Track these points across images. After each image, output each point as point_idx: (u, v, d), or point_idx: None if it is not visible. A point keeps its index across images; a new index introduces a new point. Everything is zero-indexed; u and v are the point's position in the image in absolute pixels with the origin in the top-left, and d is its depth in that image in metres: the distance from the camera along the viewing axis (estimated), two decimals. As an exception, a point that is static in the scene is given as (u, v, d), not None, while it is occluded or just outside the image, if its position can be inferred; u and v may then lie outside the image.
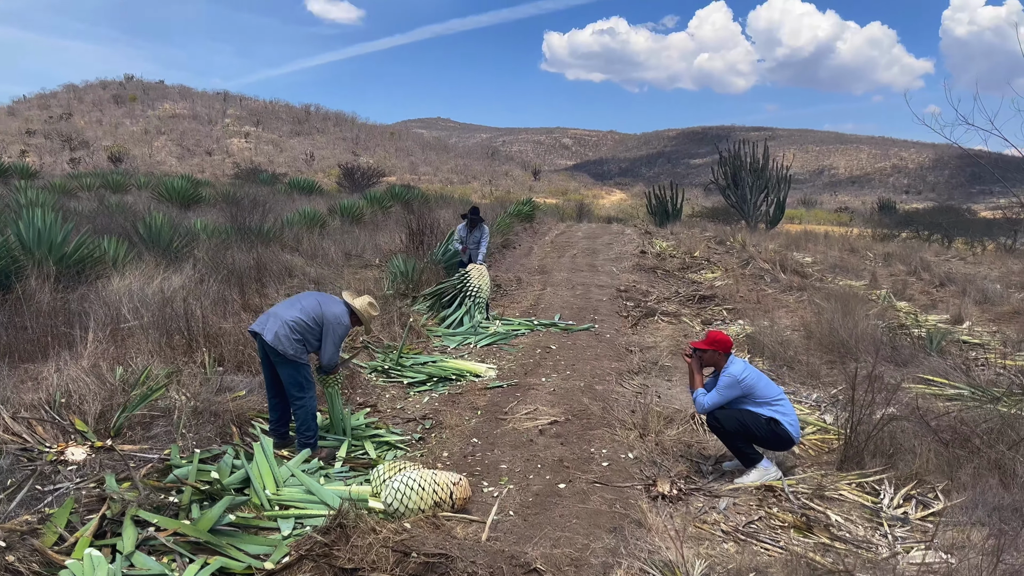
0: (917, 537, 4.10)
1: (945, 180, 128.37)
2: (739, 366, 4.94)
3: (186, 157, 68.46)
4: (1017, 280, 17.41)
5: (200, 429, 4.75)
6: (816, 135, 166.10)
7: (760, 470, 4.79)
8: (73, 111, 75.67)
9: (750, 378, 4.87)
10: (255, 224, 12.89)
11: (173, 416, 4.79)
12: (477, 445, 5.24)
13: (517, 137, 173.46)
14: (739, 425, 4.78)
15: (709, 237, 21.63)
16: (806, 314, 11.02)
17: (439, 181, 68.06)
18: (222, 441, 4.78)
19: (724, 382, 4.88)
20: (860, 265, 18.43)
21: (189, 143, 73.46)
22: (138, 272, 9.06)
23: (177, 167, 59.40)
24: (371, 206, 20.25)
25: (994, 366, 8.78)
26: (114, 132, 70.36)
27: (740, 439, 4.78)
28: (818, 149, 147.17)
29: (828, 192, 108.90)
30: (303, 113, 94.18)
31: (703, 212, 39.00)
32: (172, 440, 4.53)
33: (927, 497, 4.57)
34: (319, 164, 68.94)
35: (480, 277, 9.43)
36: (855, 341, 8.49)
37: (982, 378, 8.04)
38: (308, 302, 5.02)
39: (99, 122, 73.48)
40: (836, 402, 6.95)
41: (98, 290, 8.02)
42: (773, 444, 4.87)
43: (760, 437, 4.78)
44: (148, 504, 3.60)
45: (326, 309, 4.98)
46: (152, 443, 4.51)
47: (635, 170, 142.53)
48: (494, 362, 7.67)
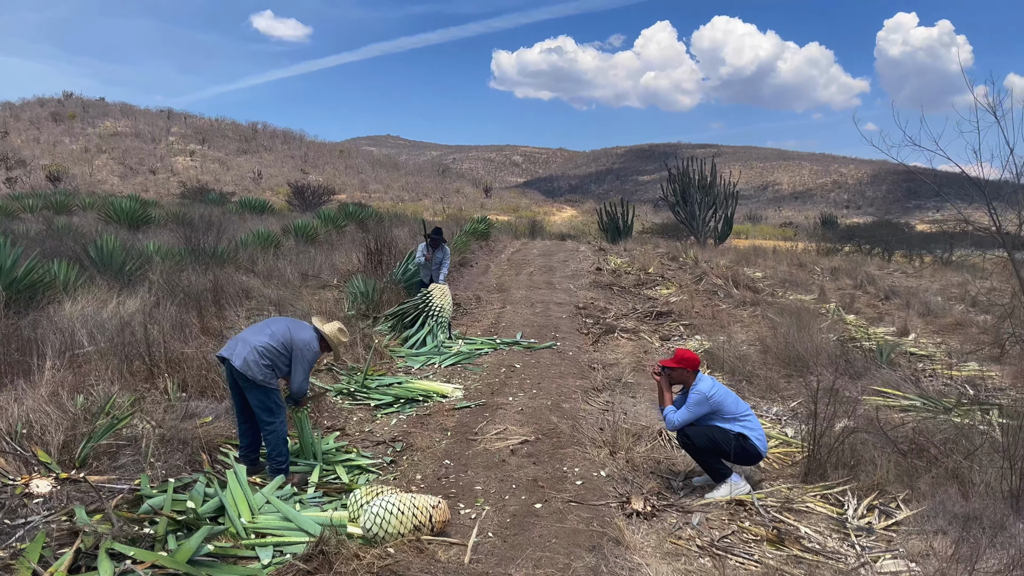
0: (882, 547, 4.24)
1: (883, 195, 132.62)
2: (707, 383, 5.06)
3: (129, 176, 67.00)
4: (956, 292, 18.09)
5: (169, 457, 4.66)
6: (760, 152, 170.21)
7: (730, 484, 4.89)
8: (9, 129, 73.50)
9: (718, 395, 4.98)
10: (210, 245, 12.68)
11: (140, 445, 4.69)
12: (450, 467, 5.24)
13: (467, 154, 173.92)
14: (709, 441, 4.88)
15: (662, 253, 21.96)
16: (761, 329, 11.28)
17: (390, 199, 67.82)
18: (192, 469, 4.69)
19: (693, 399, 4.98)
20: (808, 279, 18.92)
21: (132, 161, 71.94)
22: (91, 296, 8.86)
23: (119, 186, 58.13)
24: (325, 225, 20.09)
25: (941, 377, 9.11)
26: (52, 151, 68.53)
27: (710, 455, 4.89)
28: (762, 165, 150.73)
29: (772, 207, 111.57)
30: (250, 131, 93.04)
31: (653, 228, 39.59)
32: (140, 470, 4.43)
33: (889, 507, 4.72)
34: (267, 182, 68.14)
35: (442, 296, 9.44)
36: (811, 355, 8.72)
37: (931, 389, 8.34)
38: (278, 327, 4.99)
39: (36, 140, 71.51)
40: (796, 415, 7.14)
41: (50, 316, 7.80)
42: (742, 459, 4.98)
43: (729, 452, 4.89)
44: (123, 536, 3.52)
45: (296, 335, 4.95)
46: (120, 473, 4.41)
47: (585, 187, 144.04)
48: (460, 382, 7.68)
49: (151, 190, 55.38)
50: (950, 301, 16.23)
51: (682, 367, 5.11)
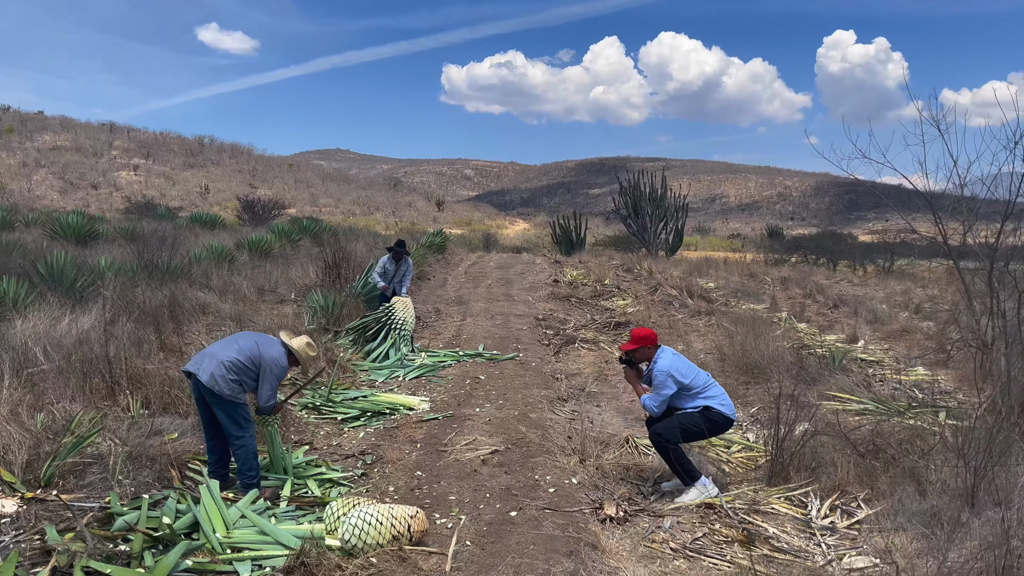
0: (847, 544, 4.39)
1: (826, 207, 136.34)
2: (667, 359, 5.17)
3: (69, 191, 65.19)
4: (900, 300, 18.70)
5: (137, 475, 4.58)
6: (707, 165, 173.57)
7: (699, 488, 5.00)
8: (-57, 143, 70.98)
9: (680, 367, 5.14)
10: (163, 261, 12.45)
11: (107, 462, 4.60)
12: (422, 478, 5.25)
13: (419, 168, 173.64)
14: (680, 431, 5.02)
15: (617, 265, 22.22)
16: (717, 337, 11.52)
17: (341, 213, 67.25)
18: (162, 486, 4.62)
19: (658, 380, 5.08)
20: (760, 289, 19.36)
21: (72, 176, 70.01)
22: (43, 314, 8.63)
23: (60, 201, 56.51)
24: (279, 240, 19.87)
25: (891, 381, 9.43)
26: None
27: (682, 457, 5.00)
28: (709, 178, 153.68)
29: (720, 219, 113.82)
30: (196, 145, 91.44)
31: (606, 240, 40.03)
32: (108, 487, 4.35)
33: (850, 506, 4.88)
34: (215, 197, 67.00)
35: (405, 309, 9.44)
36: (768, 362, 8.94)
37: (882, 393, 8.62)
38: (245, 342, 4.95)
39: (-29, 155, 69.12)
40: (757, 421, 7.32)
41: (1, 334, 7.58)
42: (715, 430, 5.18)
43: (704, 431, 5.06)
44: (97, 554, 3.47)
45: (264, 350, 4.92)
46: (87, 491, 4.33)
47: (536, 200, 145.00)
48: (425, 394, 7.68)
49: (93, 205, 53.94)
50: (895, 308, 16.79)
51: (642, 345, 5.26)
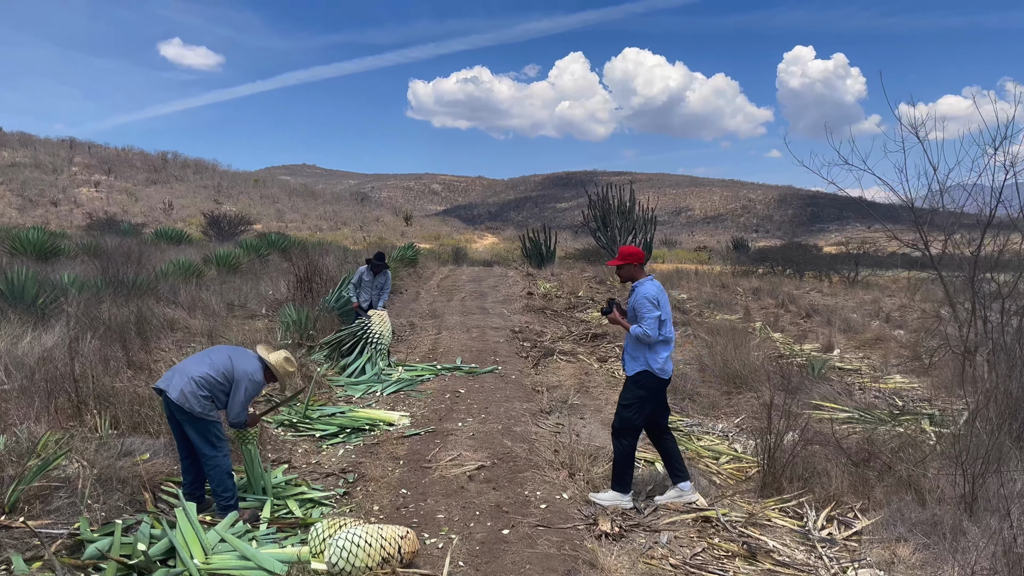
0: (847, 557, 4.29)
1: (790, 219, 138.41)
2: (654, 287, 5.03)
3: (28, 208, 63.74)
4: (870, 309, 18.88)
5: (107, 498, 4.33)
6: (672, 179, 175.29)
7: (617, 495, 4.99)
8: None
9: (663, 300, 5.02)
10: (129, 277, 12.10)
11: (75, 486, 4.34)
12: (407, 496, 5.06)
13: (386, 183, 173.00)
14: (638, 400, 4.99)
15: (589, 277, 22.17)
16: (694, 348, 11.47)
17: (308, 228, 66.57)
18: (134, 510, 4.37)
19: (644, 308, 4.92)
20: (732, 300, 19.44)
21: (31, 193, 68.50)
22: (3, 332, 8.30)
23: (18, 219, 55.18)
24: (248, 255, 19.52)
25: (870, 390, 9.43)
26: (-57, 182, 64.67)
27: (629, 460, 5.01)
28: (675, 192, 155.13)
29: (686, 232, 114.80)
30: (160, 161, 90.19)
31: (575, 253, 40.07)
32: (77, 512, 4.10)
33: (847, 517, 4.79)
34: (179, 213, 65.96)
35: (382, 323, 9.23)
36: (748, 372, 8.89)
37: (863, 401, 8.62)
38: (218, 357, 4.72)
39: (-75, 172, 67.38)
40: (743, 431, 7.24)
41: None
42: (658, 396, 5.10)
43: (653, 399, 5.04)
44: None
45: (238, 365, 4.69)
46: (55, 516, 4.07)
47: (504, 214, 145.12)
48: (405, 409, 7.49)
49: (53, 222, 52.69)
50: (866, 317, 16.92)
51: (628, 262, 5.12)
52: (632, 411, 5.02)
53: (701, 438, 6.90)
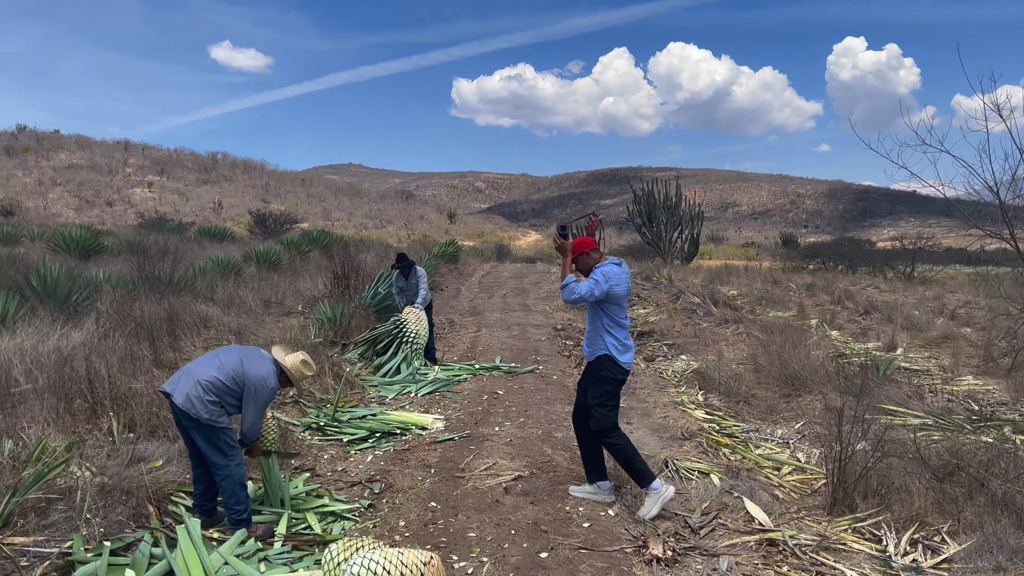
0: (937, 588, 3.72)
1: (840, 214, 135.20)
2: (610, 267, 4.77)
3: (85, 208, 65.22)
4: (933, 306, 17.90)
5: (109, 512, 3.97)
6: (719, 174, 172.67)
7: (595, 488, 4.83)
8: (-41, 163, 71.38)
9: (623, 283, 4.76)
10: (165, 273, 11.91)
11: (75, 497, 4.00)
12: (437, 510, 4.62)
13: (431, 181, 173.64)
14: (605, 395, 4.74)
15: (634, 273, 21.58)
16: (747, 347, 10.85)
17: (354, 226, 66.90)
18: (137, 525, 4.01)
19: (593, 276, 4.69)
20: (785, 296, 18.63)
21: (87, 194, 70.11)
22: (32, 329, 8.09)
23: (75, 219, 56.41)
24: (289, 251, 19.35)
25: (942, 392, 8.71)
26: (5, 184, 66.44)
27: (598, 451, 4.83)
28: (721, 187, 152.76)
29: (733, 227, 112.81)
30: (210, 161, 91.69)
31: (620, 250, 39.39)
32: (75, 528, 3.75)
33: (933, 541, 4.22)
34: (228, 212, 66.85)
35: (418, 322, 8.81)
36: (808, 373, 8.27)
37: (936, 405, 7.93)
38: (228, 359, 4.28)
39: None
40: (803, 437, 6.65)
41: (-17, 351, 7.03)
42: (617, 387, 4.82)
43: (619, 388, 4.82)
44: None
45: (249, 368, 4.24)
46: (50, 532, 3.73)
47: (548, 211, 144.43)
48: (439, 412, 7.07)
49: (108, 222, 53.76)
50: (929, 314, 16.01)
51: (581, 252, 4.81)
52: (607, 408, 4.76)
53: (759, 445, 6.33)
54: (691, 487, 5.06)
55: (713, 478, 5.20)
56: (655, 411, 7.32)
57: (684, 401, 7.74)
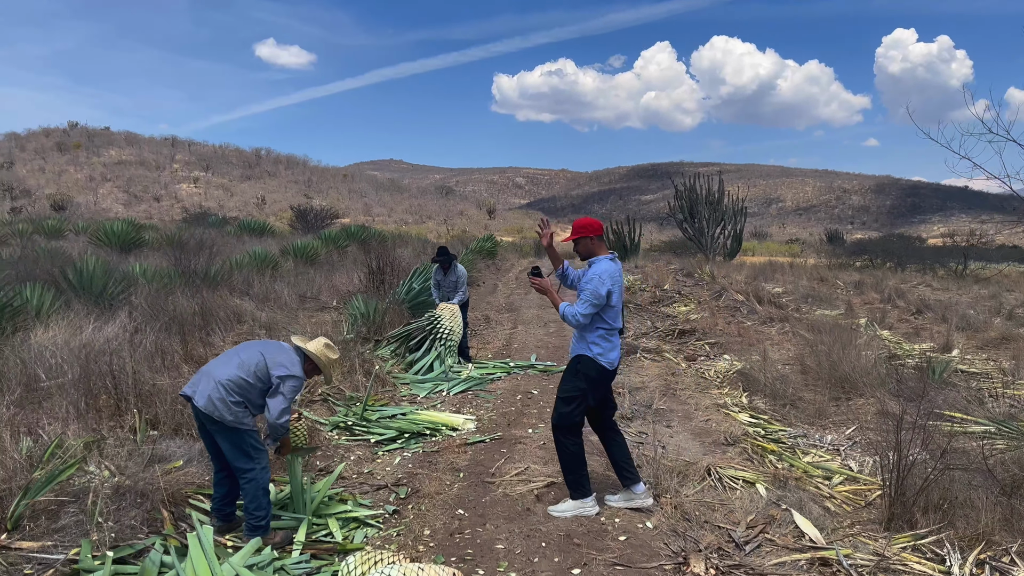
0: (1010, 617, 3.37)
1: (887, 209, 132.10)
2: (612, 267, 4.45)
3: (133, 203, 66.59)
4: (989, 305, 17.19)
5: (122, 515, 3.81)
6: (762, 169, 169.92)
7: (579, 504, 4.44)
8: (15, 159, 73.42)
9: (618, 281, 4.43)
10: (201, 267, 11.89)
11: (87, 500, 3.84)
12: (464, 518, 4.38)
13: (471, 177, 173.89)
14: (576, 390, 4.46)
15: (675, 269, 21.15)
16: (793, 346, 10.44)
17: (394, 221, 67.27)
18: (150, 530, 3.84)
19: (591, 287, 4.33)
20: (832, 294, 18.06)
21: (136, 189, 71.58)
22: (65, 323, 8.06)
23: (124, 214, 57.58)
24: (326, 246, 19.32)
25: (1002, 397, 8.23)
26: (57, 180, 68.17)
27: (579, 459, 4.48)
28: (765, 183, 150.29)
29: (777, 223, 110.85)
30: (254, 157, 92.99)
31: (661, 245, 38.88)
32: (85, 532, 3.59)
33: (1002, 562, 3.85)
34: (271, 207, 67.69)
35: (452, 318, 8.59)
36: (859, 375, 7.86)
37: (998, 411, 7.47)
38: (248, 355, 4.06)
39: (42, 170, 71.24)
40: (855, 444, 6.28)
41: (14, 345, 6.97)
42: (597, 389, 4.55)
43: (596, 391, 4.52)
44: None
45: (272, 361, 4.03)
46: (59, 537, 3.57)
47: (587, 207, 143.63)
48: (471, 412, 6.84)
49: (155, 216, 54.86)
50: (986, 314, 15.34)
51: (584, 234, 4.51)
52: (572, 405, 4.45)
53: (808, 452, 5.98)
54: (735, 497, 4.74)
55: (759, 488, 4.88)
56: (697, 414, 7.00)
57: (727, 403, 7.41)
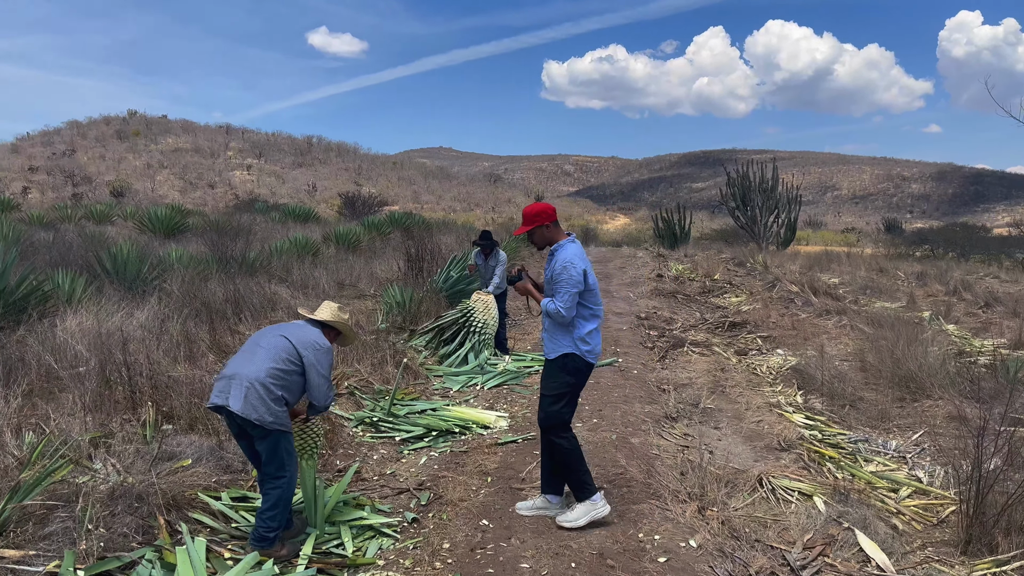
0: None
1: (949, 198, 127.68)
2: (574, 250, 4.06)
3: (188, 190, 67.75)
4: (1064, 298, 16.17)
5: (114, 521, 3.52)
6: (817, 156, 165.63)
7: (589, 505, 4.03)
8: (76, 147, 75.32)
9: (586, 264, 4.04)
10: (238, 253, 11.72)
11: (87, 501, 3.55)
12: (488, 530, 4.00)
13: (519, 164, 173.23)
14: (563, 385, 4.07)
15: (727, 259, 20.49)
16: (851, 341, 9.82)
17: (442, 209, 67.27)
18: (144, 539, 3.54)
19: (563, 277, 3.95)
20: (892, 286, 17.21)
21: (191, 176, 72.81)
22: (96, 309, 7.90)
23: (179, 200, 58.66)
24: (368, 233, 19.12)
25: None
26: (117, 167, 69.70)
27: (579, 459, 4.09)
28: (820, 170, 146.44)
29: (832, 212, 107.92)
30: (305, 144, 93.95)
31: (711, 234, 37.99)
32: (72, 540, 3.31)
33: (1104, 599, 3.34)
34: (321, 195, 68.22)
35: (486, 310, 8.19)
36: (926, 374, 7.25)
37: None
38: (271, 342, 3.73)
39: (102, 157, 72.93)
40: (923, 451, 5.73)
41: (40, 332, 6.81)
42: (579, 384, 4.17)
43: (582, 385, 4.18)
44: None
45: (297, 339, 3.73)
46: (45, 545, 3.30)
47: (637, 194, 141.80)
48: (505, 408, 6.46)
49: (209, 203, 55.67)
50: (1061, 308, 14.38)
51: (537, 224, 4.09)
52: (562, 402, 4.10)
53: (870, 460, 5.46)
54: (790, 512, 4.27)
55: (817, 501, 4.39)
56: (747, 414, 6.50)
57: (781, 403, 6.89)
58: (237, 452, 4.67)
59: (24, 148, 72.86)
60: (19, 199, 29.37)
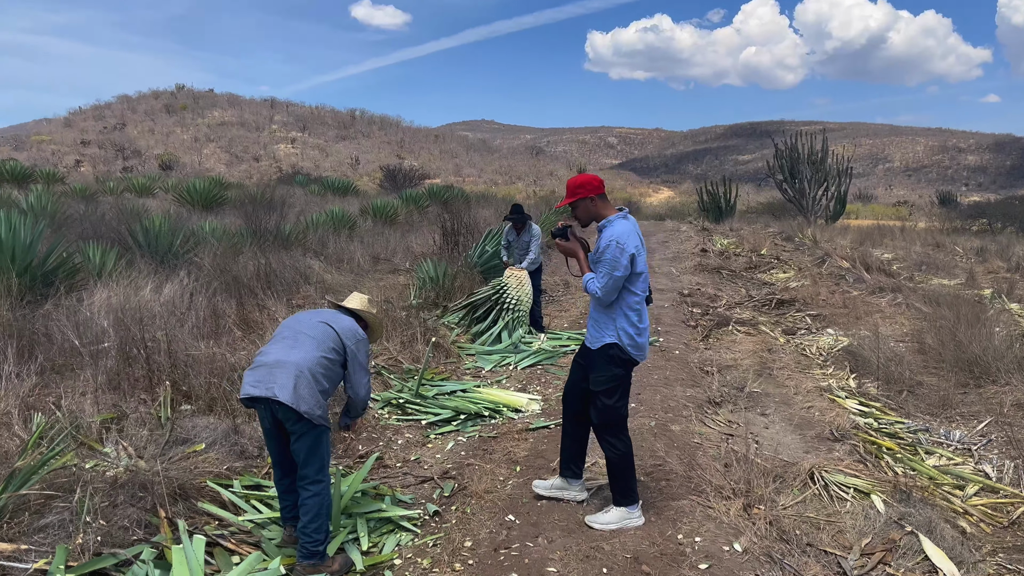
0: None
1: (1007, 170, 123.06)
2: (626, 225, 3.65)
3: (234, 163, 68.47)
4: None
5: (115, 513, 3.32)
6: (869, 128, 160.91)
7: (627, 512, 3.73)
8: (126, 121, 76.59)
9: (639, 244, 3.64)
10: (272, 226, 11.56)
11: (86, 491, 3.35)
12: (514, 526, 3.71)
13: (562, 137, 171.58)
14: (622, 394, 3.77)
15: (774, 233, 19.81)
16: (908, 321, 9.30)
17: (483, 182, 66.90)
18: (146, 532, 3.33)
19: (608, 256, 3.57)
20: (950, 262, 16.44)
21: (237, 150, 73.56)
22: (126, 282, 7.78)
23: (226, 173, 59.28)
24: (406, 206, 18.89)
25: None
26: (165, 140, 70.74)
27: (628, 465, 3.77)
28: (871, 142, 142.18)
29: (883, 185, 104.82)
30: (348, 118, 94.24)
31: (758, 208, 37.02)
32: (68, 534, 3.10)
33: None
34: (364, 168, 68.38)
35: (519, 286, 7.87)
36: (992, 357, 6.75)
37: None
38: (314, 330, 3.42)
39: (151, 131, 74.07)
40: (990, 443, 5.29)
41: (67, 307, 6.69)
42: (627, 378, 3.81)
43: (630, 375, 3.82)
44: None
45: (340, 327, 3.46)
46: (40, 537, 3.10)
47: (681, 167, 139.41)
48: (538, 390, 6.17)
49: (254, 176, 56.14)
50: None
51: (581, 196, 3.71)
52: (615, 396, 3.75)
53: (932, 452, 5.04)
54: (845, 512, 3.91)
55: (875, 500, 4.01)
56: (796, 399, 6.11)
57: (832, 387, 6.47)
58: (253, 436, 4.46)
59: (77, 122, 74.39)
60: (66, 172, 29.84)
